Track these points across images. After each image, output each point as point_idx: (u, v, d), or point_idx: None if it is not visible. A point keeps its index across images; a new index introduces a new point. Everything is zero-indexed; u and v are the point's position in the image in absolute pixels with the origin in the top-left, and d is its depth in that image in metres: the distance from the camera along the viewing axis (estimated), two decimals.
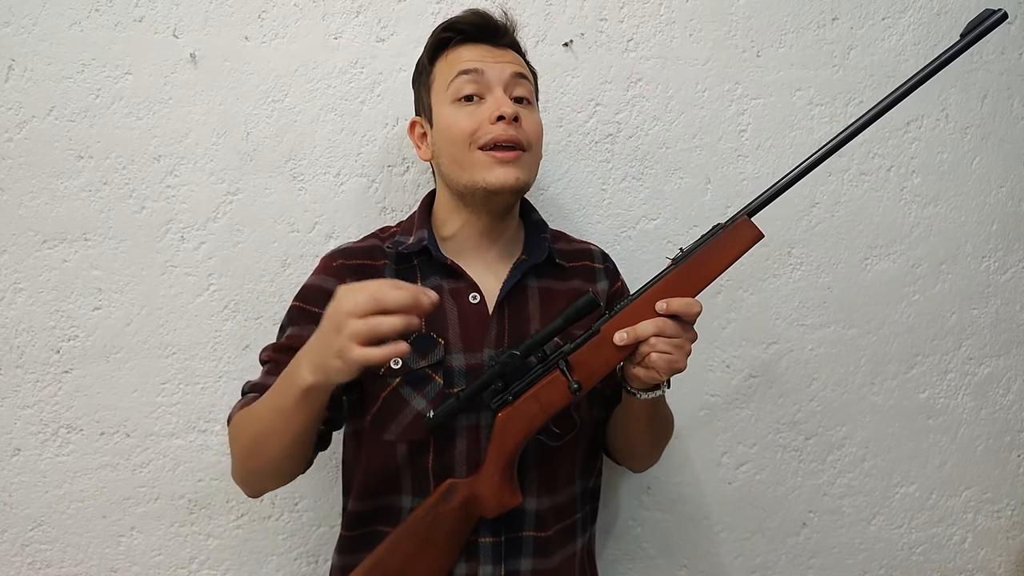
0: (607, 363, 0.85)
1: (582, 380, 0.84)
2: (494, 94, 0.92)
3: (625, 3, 1.26)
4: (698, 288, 0.84)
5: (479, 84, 0.92)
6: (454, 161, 0.92)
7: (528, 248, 0.99)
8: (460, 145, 0.91)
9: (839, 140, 0.85)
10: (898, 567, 1.40)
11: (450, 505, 0.86)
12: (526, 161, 0.92)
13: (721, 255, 0.85)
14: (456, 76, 0.92)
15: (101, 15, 1.12)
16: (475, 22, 0.95)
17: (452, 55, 0.95)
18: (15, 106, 1.11)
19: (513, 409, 0.86)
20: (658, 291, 0.84)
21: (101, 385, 1.15)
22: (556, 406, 0.85)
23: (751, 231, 0.85)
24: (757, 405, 1.33)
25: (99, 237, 1.14)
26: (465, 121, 0.91)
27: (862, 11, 1.33)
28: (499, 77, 0.92)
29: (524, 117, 0.92)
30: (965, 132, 1.38)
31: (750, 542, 1.34)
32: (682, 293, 0.84)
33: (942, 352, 1.40)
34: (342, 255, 0.96)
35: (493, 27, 0.96)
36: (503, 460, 0.86)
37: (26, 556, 1.15)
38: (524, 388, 0.86)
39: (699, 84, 1.29)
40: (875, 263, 1.36)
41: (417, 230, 0.97)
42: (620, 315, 0.85)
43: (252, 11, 1.16)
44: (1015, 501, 1.44)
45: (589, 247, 1.08)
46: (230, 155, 1.16)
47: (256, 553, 1.20)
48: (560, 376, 0.85)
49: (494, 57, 0.94)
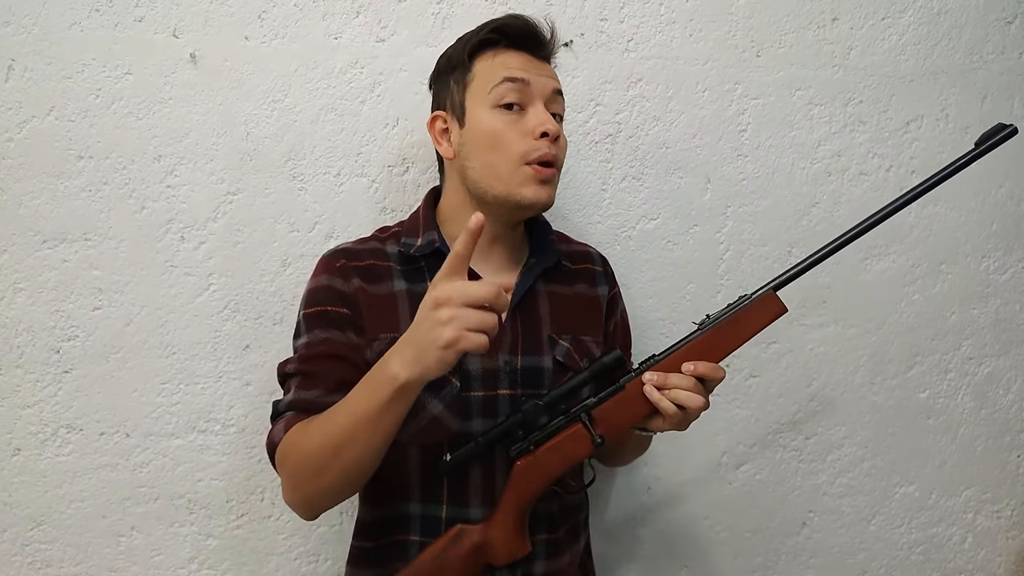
0: (630, 419, 0.87)
1: (605, 434, 0.85)
2: (535, 107, 0.91)
3: (625, 3, 1.26)
4: (720, 356, 0.87)
5: (523, 94, 0.90)
6: (489, 167, 0.91)
7: (535, 250, 0.99)
8: (507, 155, 0.89)
9: (867, 225, 0.91)
10: (898, 567, 1.40)
11: (458, 552, 0.85)
12: (556, 180, 0.93)
13: (745, 326, 0.88)
14: (502, 82, 0.90)
15: (101, 15, 1.12)
16: (525, 30, 0.93)
17: (498, 58, 0.92)
18: (15, 106, 1.11)
19: (533, 458, 0.86)
20: (684, 354, 0.86)
21: (101, 385, 1.15)
22: (576, 458, 0.86)
23: (776, 306, 0.88)
24: (757, 405, 1.33)
25: (99, 237, 1.14)
26: (510, 132, 0.89)
27: (862, 11, 1.33)
28: (542, 91, 0.92)
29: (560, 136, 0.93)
30: (965, 132, 1.38)
31: (750, 542, 1.34)
32: (705, 358, 0.86)
33: (942, 352, 1.40)
34: (345, 256, 0.94)
35: (540, 39, 0.95)
36: (518, 509, 0.86)
37: (26, 556, 1.15)
38: (545, 438, 0.86)
39: (699, 84, 1.29)
40: (875, 263, 1.36)
41: (425, 231, 0.95)
42: (646, 374, 0.86)
43: (252, 11, 1.16)
44: (1015, 501, 1.44)
45: (588, 250, 1.08)
46: (230, 155, 1.16)
47: (256, 553, 1.20)
48: (582, 429, 0.85)
49: (538, 70, 0.93)
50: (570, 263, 1.01)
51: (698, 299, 1.30)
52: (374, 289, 0.92)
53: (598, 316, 1.02)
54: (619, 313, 1.08)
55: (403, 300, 0.92)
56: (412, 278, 0.93)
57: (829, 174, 1.34)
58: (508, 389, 0.91)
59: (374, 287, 0.92)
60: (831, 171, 1.34)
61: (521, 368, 0.92)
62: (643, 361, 0.88)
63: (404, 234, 0.97)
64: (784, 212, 1.32)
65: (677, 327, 1.30)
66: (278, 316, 1.17)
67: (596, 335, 1.00)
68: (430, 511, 0.90)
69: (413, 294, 0.92)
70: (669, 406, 0.83)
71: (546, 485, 0.86)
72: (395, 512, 0.91)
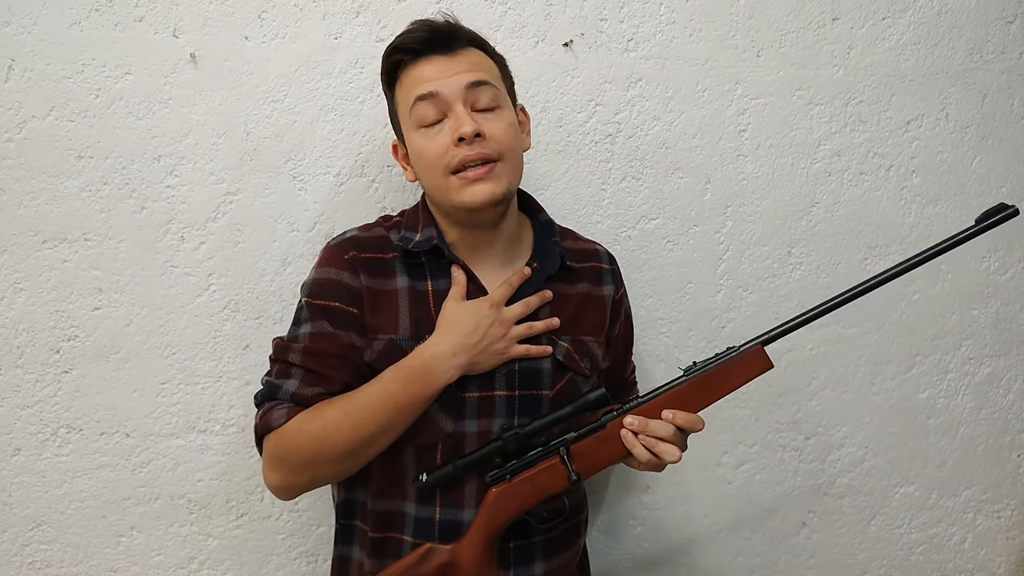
0: (608, 458, 0.88)
1: (581, 470, 0.86)
2: (454, 112, 0.88)
3: (625, 3, 1.26)
4: (702, 405, 0.89)
5: (438, 106, 0.89)
6: (432, 186, 0.92)
7: (538, 254, 0.98)
8: (435, 172, 0.90)
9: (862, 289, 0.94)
10: (898, 567, 1.40)
11: (425, 570, 0.86)
12: (501, 170, 0.89)
13: (730, 378, 0.89)
14: (414, 104, 0.89)
15: (101, 15, 1.12)
16: (421, 38, 0.91)
17: (407, 79, 0.91)
18: (15, 106, 1.11)
19: (509, 486, 0.87)
20: (666, 400, 0.88)
21: (101, 385, 1.15)
22: (550, 491, 0.87)
23: (762, 361, 0.90)
24: (757, 405, 1.33)
25: (99, 237, 1.14)
26: (431, 149, 0.89)
27: (862, 11, 1.33)
28: (456, 92, 0.88)
29: (489, 127, 0.89)
30: (965, 131, 1.38)
31: (750, 542, 1.34)
32: (687, 406, 0.87)
33: (942, 352, 1.40)
34: (354, 247, 0.93)
35: (441, 38, 0.91)
36: (488, 534, 0.87)
37: (26, 556, 1.15)
38: (521, 468, 0.87)
39: (699, 84, 1.29)
40: (875, 263, 1.36)
41: (424, 227, 0.95)
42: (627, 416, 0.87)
43: (252, 11, 1.16)
44: (1015, 501, 1.44)
45: (596, 248, 1.07)
46: (230, 155, 1.16)
47: (256, 553, 1.20)
48: (559, 464, 0.87)
49: (448, 70, 0.89)
50: (575, 261, 1.00)
51: (698, 299, 1.30)
52: (378, 284, 0.92)
53: (602, 316, 1.01)
54: (623, 314, 1.08)
55: (404, 299, 0.92)
56: (414, 274, 0.93)
57: (829, 174, 1.34)
58: (505, 390, 0.91)
59: (378, 282, 0.92)
60: (831, 171, 1.34)
61: (519, 369, 0.92)
62: (627, 401, 0.90)
63: (405, 226, 0.97)
64: (784, 212, 1.32)
65: (677, 327, 1.30)
66: (278, 316, 1.17)
67: (598, 335, 1.00)
68: (425, 513, 0.91)
69: (414, 292, 0.92)
70: (643, 452, 0.86)
71: (519, 514, 0.88)
72: (393, 508, 0.92)
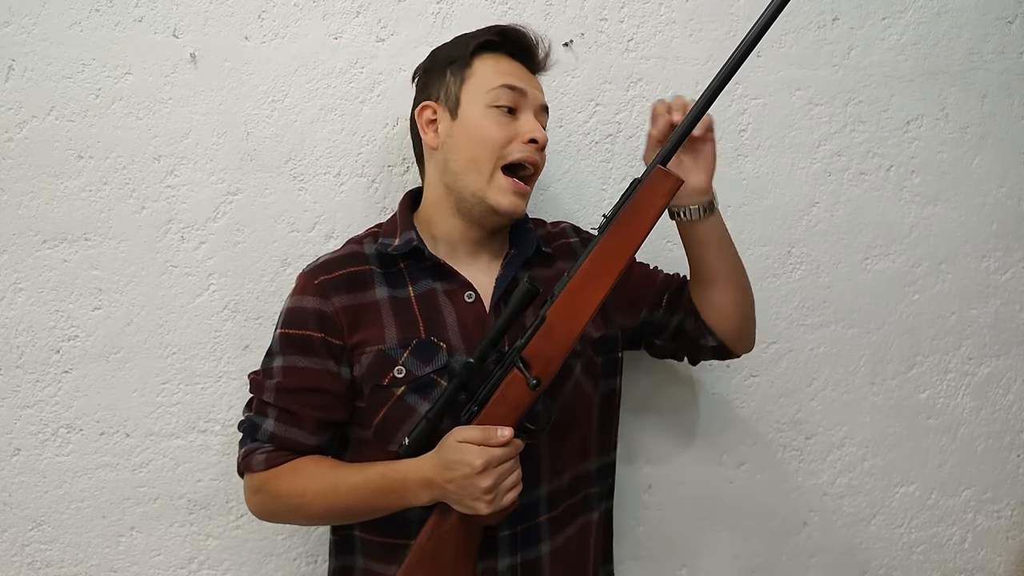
0: (560, 348, 0.84)
1: (540, 372, 0.83)
2: (527, 116, 0.95)
3: (625, 3, 1.26)
4: (632, 248, 0.85)
5: (518, 102, 0.94)
6: (472, 162, 0.92)
7: (515, 241, 1.00)
8: (484, 151, 0.92)
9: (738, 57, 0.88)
10: (898, 567, 1.40)
11: (450, 522, 0.85)
12: (529, 194, 0.97)
13: (644, 212, 0.85)
14: (501, 86, 0.93)
15: (101, 15, 1.12)
16: (525, 41, 0.98)
17: (499, 63, 0.96)
18: (15, 106, 1.11)
19: (484, 416, 0.85)
20: (592, 262, 0.85)
21: (101, 385, 1.15)
22: (523, 404, 0.84)
23: (668, 180, 0.86)
24: (757, 405, 1.33)
25: (99, 237, 1.14)
26: (496, 131, 0.92)
27: (862, 11, 1.33)
28: (533, 103, 0.96)
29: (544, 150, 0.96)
30: (965, 132, 1.38)
31: (750, 542, 1.34)
32: (615, 258, 0.85)
33: (942, 352, 1.40)
34: (323, 270, 0.94)
35: (536, 54, 1.00)
36: None
37: (26, 556, 1.15)
38: (488, 394, 0.85)
39: (699, 84, 1.28)
40: (875, 263, 1.36)
41: (403, 232, 0.96)
42: (562, 297, 0.85)
43: (252, 11, 1.16)
44: (1015, 501, 1.44)
45: (562, 225, 1.09)
46: (230, 155, 1.16)
47: (256, 553, 1.20)
48: (519, 374, 0.84)
49: (532, 83, 0.97)
50: (548, 245, 1.02)
51: None
52: (356, 299, 0.92)
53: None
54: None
55: (386, 308, 0.92)
56: (393, 282, 0.94)
57: (829, 174, 1.34)
58: None
59: (356, 296, 0.92)
60: (831, 171, 1.34)
61: None
62: (558, 285, 0.87)
63: (383, 234, 0.98)
64: (784, 212, 1.32)
65: None
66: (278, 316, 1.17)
67: None
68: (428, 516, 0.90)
69: (396, 300, 0.93)
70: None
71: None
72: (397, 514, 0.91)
